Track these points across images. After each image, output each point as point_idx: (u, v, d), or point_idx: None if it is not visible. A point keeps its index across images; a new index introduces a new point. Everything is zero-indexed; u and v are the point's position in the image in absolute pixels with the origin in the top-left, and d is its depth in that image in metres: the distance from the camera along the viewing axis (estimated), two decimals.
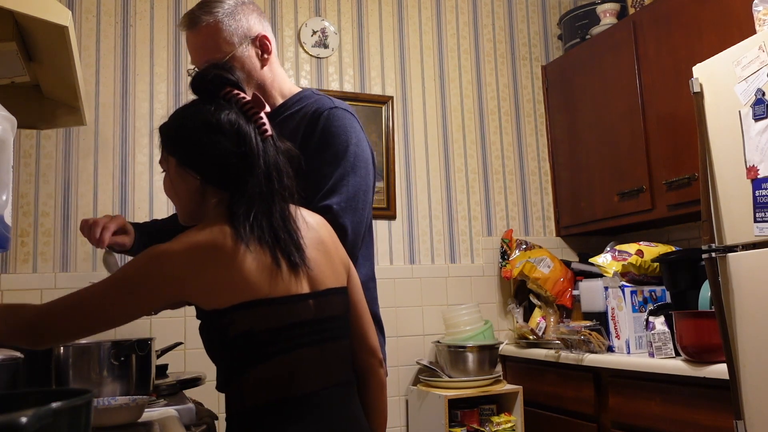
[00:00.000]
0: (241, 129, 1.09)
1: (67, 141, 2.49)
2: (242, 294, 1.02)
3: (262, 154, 1.09)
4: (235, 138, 1.08)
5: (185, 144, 1.12)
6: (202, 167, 1.10)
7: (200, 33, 1.46)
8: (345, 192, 1.37)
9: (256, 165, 1.08)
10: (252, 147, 1.08)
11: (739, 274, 1.83)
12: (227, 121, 1.09)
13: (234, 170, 1.08)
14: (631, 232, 3.12)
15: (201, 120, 1.10)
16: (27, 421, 0.56)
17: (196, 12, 1.46)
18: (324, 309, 1.12)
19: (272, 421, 1.03)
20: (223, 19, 1.44)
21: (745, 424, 1.77)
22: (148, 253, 1.04)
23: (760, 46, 1.81)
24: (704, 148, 1.96)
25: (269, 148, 1.11)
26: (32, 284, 2.34)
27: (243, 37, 1.46)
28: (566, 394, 2.54)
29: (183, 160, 1.12)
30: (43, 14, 1.21)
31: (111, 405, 1.26)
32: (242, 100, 1.13)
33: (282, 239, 1.07)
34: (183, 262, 1.02)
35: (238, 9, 1.47)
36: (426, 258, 3.00)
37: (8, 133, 1.10)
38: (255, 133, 1.10)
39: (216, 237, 1.03)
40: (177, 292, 1.04)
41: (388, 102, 3.01)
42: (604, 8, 3.11)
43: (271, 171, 1.09)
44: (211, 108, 1.11)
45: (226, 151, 1.08)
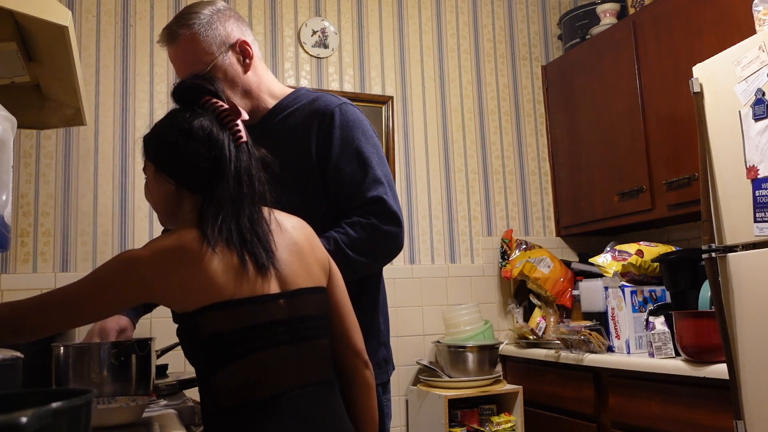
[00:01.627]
0: (213, 135, 1.13)
1: (67, 141, 2.49)
2: (209, 296, 1.05)
3: (234, 160, 1.13)
4: (207, 143, 1.12)
5: (160, 149, 1.17)
6: (176, 172, 1.15)
7: (179, 46, 1.47)
8: (385, 182, 1.42)
9: (227, 170, 1.12)
10: (224, 152, 1.12)
11: (739, 274, 1.83)
12: (200, 127, 1.13)
13: (205, 174, 1.12)
14: (631, 232, 3.12)
15: (175, 126, 1.15)
16: (27, 421, 0.56)
17: (173, 26, 1.47)
18: (296, 309, 1.13)
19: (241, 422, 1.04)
20: (199, 30, 1.45)
21: (745, 424, 1.77)
22: (119, 257, 1.08)
23: (760, 46, 1.81)
24: (704, 148, 1.96)
25: (242, 154, 1.15)
26: (32, 284, 2.34)
27: (221, 44, 1.46)
28: (566, 394, 2.54)
29: (159, 166, 1.17)
30: (43, 14, 1.21)
31: (111, 405, 1.26)
32: (219, 108, 1.17)
33: (249, 241, 1.10)
34: (150, 267, 1.05)
35: (214, 17, 1.47)
36: (426, 258, 3.00)
37: (8, 133, 1.10)
38: (229, 139, 1.14)
39: (182, 240, 1.06)
40: (146, 295, 1.07)
41: (388, 102, 3.01)
42: (604, 8, 3.11)
43: (241, 176, 1.13)
44: (186, 115, 1.15)
45: (198, 156, 1.12)
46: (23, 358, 1.19)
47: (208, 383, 1.07)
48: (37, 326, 1.09)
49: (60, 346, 1.46)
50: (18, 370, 1.18)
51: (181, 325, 1.10)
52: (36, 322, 1.08)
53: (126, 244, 2.50)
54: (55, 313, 1.07)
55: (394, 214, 1.39)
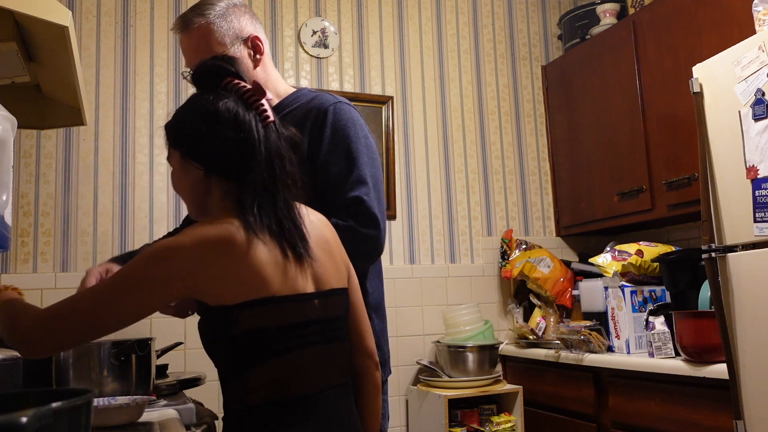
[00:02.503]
0: (240, 116, 1.08)
1: (67, 141, 2.49)
2: (252, 291, 1.01)
3: (263, 140, 1.08)
4: (234, 125, 1.07)
5: (185, 135, 1.12)
6: (204, 157, 1.10)
7: (192, 35, 1.48)
8: (370, 183, 1.40)
9: (257, 151, 1.07)
10: (252, 133, 1.07)
11: (739, 274, 1.83)
12: (225, 108, 1.08)
13: (235, 158, 1.07)
14: (631, 232, 3.12)
15: (199, 110, 1.11)
16: (27, 421, 0.56)
17: (188, 15, 1.48)
18: (328, 309, 1.11)
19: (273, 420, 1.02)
20: (214, 20, 1.46)
21: (745, 424, 1.77)
22: (155, 249, 1.01)
23: (760, 46, 1.81)
24: (704, 148, 1.96)
25: (271, 134, 1.10)
26: (32, 284, 2.34)
27: (235, 38, 1.47)
28: (566, 394, 2.54)
29: (185, 152, 1.12)
30: (43, 14, 1.21)
31: (111, 405, 1.26)
32: (243, 88, 1.12)
33: (287, 229, 1.06)
34: (193, 257, 0.99)
35: (230, 11, 1.48)
36: (426, 258, 2.99)
37: (8, 133, 1.10)
38: (256, 120, 1.09)
39: (227, 230, 1.01)
40: (186, 288, 1.01)
41: (388, 102, 3.01)
42: (604, 8, 3.11)
43: (272, 157, 1.08)
44: (209, 97, 1.11)
45: (226, 138, 1.07)
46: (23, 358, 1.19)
47: (240, 380, 1.03)
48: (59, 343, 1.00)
49: None
50: (18, 370, 1.18)
51: (210, 318, 1.04)
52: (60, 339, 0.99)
53: (126, 244, 2.50)
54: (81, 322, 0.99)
55: (373, 216, 1.38)
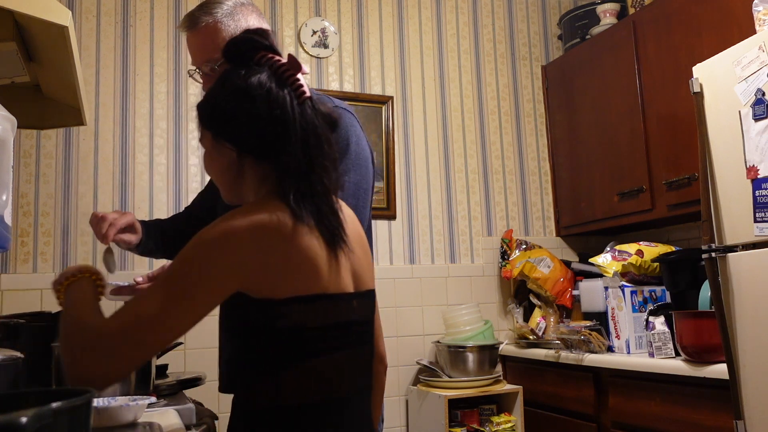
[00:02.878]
0: (273, 92, 1.01)
1: (67, 141, 2.49)
2: (304, 285, 0.96)
3: (299, 119, 1.01)
4: (267, 102, 1.00)
5: (216, 114, 1.06)
6: (236, 136, 1.03)
7: (200, 33, 1.47)
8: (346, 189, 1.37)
9: (292, 130, 1.00)
10: (286, 111, 1.00)
11: (739, 274, 1.83)
12: (257, 84, 1.01)
13: (268, 137, 1.00)
14: (631, 232, 3.12)
15: (230, 86, 1.04)
16: (27, 421, 0.56)
17: (196, 13, 1.48)
18: (364, 311, 1.08)
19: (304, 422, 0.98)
20: (222, 19, 1.46)
21: (745, 424, 1.77)
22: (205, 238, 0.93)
23: (760, 46, 1.81)
24: (704, 148, 1.96)
25: (307, 112, 1.03)
26: (32, 284, 2.34)
27: None
28: (566, 394, 2.54)
29: (217, 132, 1.05)
30: (43, 14, 1.21)
31: (111, 405, 1.26)
32: (277, 62, 1.05)
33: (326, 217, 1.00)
34: (250, 244, 0.92)
35: (238, 10, 1.48)
36: (426, 258, 3.00)
37: (8, 133, 1.10)
38: (291, 96, 1.02)
39: (279, 217, 0.95)
40: (242, 280, 0.93)
41: (388, 102, 3.01)
42: (604, 8, 3.11)
43: (309, 137, 1.01)
44: (241, 73, 1.04)
45: (258, 115, 1.00)
46: (23, 358, 1.19)
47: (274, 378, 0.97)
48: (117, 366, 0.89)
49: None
50: (18, 370, 1.18)
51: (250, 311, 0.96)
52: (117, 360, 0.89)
53: None
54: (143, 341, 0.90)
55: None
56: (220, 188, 1.11)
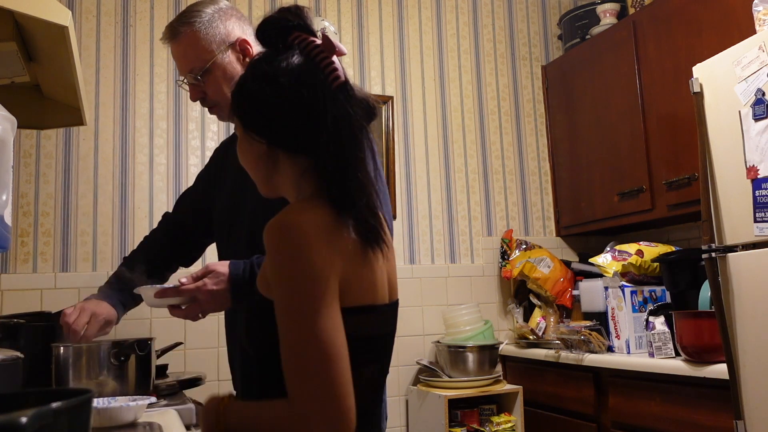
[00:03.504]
0: (302, 78, 0.92)
1: (67, 141, 2.49)
2: (364, 295, 0.91)
3: (330, 107, 0.92)
4: (296, 89, 0.92)
5: (242, 103, 0.98)
6: (264, 128, 0.95)
7: (180, 43, 1.49)
8: None
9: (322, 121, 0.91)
10: (317, 99, 0.92)
11: (739, 274, 1.83)
12: (286, 69, 0.93)
13: (299, 129, 0.93)
14: (631, 232, 3.12)
15: (258, 71, 0.96)
16: (27, 421, 0.56)
17: (175, 24, 1.50)
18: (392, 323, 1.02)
19: None
20: (200, 28, 1.47)
21: (745, 424, 1.77)
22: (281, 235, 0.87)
23: (760, 46, 1.81)
24: (704, 148, 1.96)
25: (340, 100, 0.93)
26: (32, 284, 2.34)
27: (221, 43, 1.48)
28: (566, 394, 2.54)
29: (245, 122, 0.98)
30: (43, 14, 1.21)
31: (111, 405, 1.26)
32: (311, 44, 0.95)
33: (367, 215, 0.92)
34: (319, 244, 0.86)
35: (215, 16, 1.49)
36: (426, 258, 3.00)
37: (8, 133, 1.10)
38: (323, 82, 0.93)
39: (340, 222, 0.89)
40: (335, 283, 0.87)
41: (388, 102, 3.01)
42: (604, 8, 3.11)
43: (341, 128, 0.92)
44: (270, 56, 0.96)
45: (286, 106, 0.92)
46: (23, 358, 1.19)
47: None
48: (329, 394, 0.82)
49: (60, 346, 1.46)
50: (18, 370, 1.18)
51: None
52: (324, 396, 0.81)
53: (126, 244, 2.50)
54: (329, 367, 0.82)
55: None
56: (255, 180, 1.03)
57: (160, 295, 1.30)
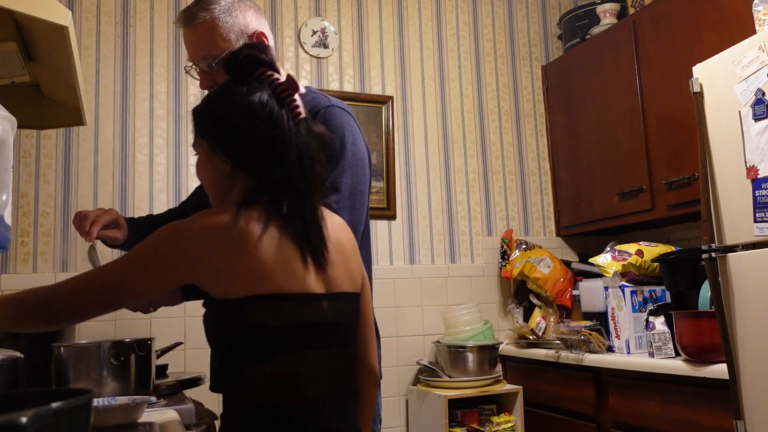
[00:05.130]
0: (274, 112, 1.05)
1: (67, 141, 2.49)
2: (258, 285, 0.99)
3: (294, 139, 1.05)
4: (268, 121, 1.04)
5: (216, 128, 1.09)
6: (233, 152, 1.07)
7: (197, 29, 1.45)
8: (344, 190, 1.35)
9: (289, 150, 1.04)
10: (284, 131, 1.05)
11: (739, 274, 1.83)
12: (259, 102, 1.05)
13: (265, 155, 1.05)
14: (631, 232, 3.12)
15: (232, 102, 1.07)
16: (27, 421, 0.56)
17: (193, 9, 1.46)
18: (337, 313, 1.09)
19: (271, 421, 1.00)
20: (219, 15, 1.44)
21: (745, 424, 1.77)
22: (165, 229, 1.02)
23: (760, 46, 1.81)
24: (704, 148, 1.96)
25: (302, 132, 1.07)
26: (32, 284, 2.31)
27: (239, 33, 1.45)
28: (566, 394, 2.54)
29: (214, 144, 1.09)
30: (43, 14, 1.21)
31: (111, 405, 1.26)
32: (276, 81, 1.09)
33: (312, 233, 1.05)
34: (198, 242, 0.99)
35: (235, 6, 1.47)
36: (426, 258, 2.99)
37: (8, 133, 1.10)
38: (288, 116, 1.06)
39: (232, 221, 1.00)
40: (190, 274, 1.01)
41: (388, 102, 3.01)
42: (604, 8, 3.11)
43: (303, 157, 1.06)
44: (243, 89, 1.07)
45: (258, 135, 1.04)
46: (23, 358, 1.19)
47: (240, 375, 1.01)
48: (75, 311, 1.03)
49: (60, 346, 1.46)
50: (18, 370, 1.18)
51: (215, 311, 1.03)
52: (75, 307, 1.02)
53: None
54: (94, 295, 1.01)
55: None
56: (209, 195, 1.15)
57: None
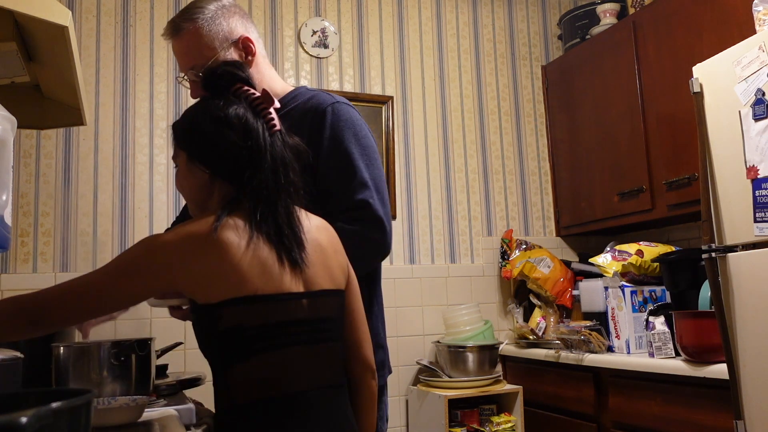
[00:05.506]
0: (249, 123, 1.11)
1: (67, 141, 2.49)
2: (234, 289, 1.03)
3: (269, 149, 1.11)
4: (243, 132, 1.10)
5: (194, 138, 1.15)
6: (211, 161, 1.13)
7: (182, 40, 1.47)
8: (371, 185, 1.39)
9: (263, 159, 1.10)
10: (259, 141, 1.11)
11: (739, 274, 1.83)
12: (235, 115, 1.11)
13: (241, 164, 1.10)
14: (631, 232, 3.12)
15: (210, 114, 1.13)
16: (27, 421, 0.56)
17: (177, 20, 1.48)
18: (317, 309, 1.12)
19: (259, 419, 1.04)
20: (203, 24, 1.46)
21: (745, 424, 1.77)
22: (143, 242, 1.07)
23: (760, 46, 1.81)
24: (704, 148, 1.96)
25: (277, 143, 1.13)
26: (32, 284, 2.34)
27: (224, 40, 1.46)
28: (566, 394, 2.54)
29: (193, 154, 1.15)
30: (43, 14, 1.21)
31: (111, 405, 1.26)
32: (252, 95, 1.15)
33: (286, 235, 1.09)
34: (174, 252, 1.04)
35: (219, 13, 1.48)
36: (426, 258, 2.99)
37: (8, 133, 1.10)
38: (263, 128, 1.13)
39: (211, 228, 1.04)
40: (168, 282, 1.05)
41: (388, 102, 3.01)
42: (604, 8, 3.11)
43: (277, 166, 1.11)
44: (219, 103, 1.13)
45: (234, 144, 1.10)
46: (23, 358, 1.19)
47: (224, 377, 1.06)
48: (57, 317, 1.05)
49: (60, 346, 1.46)
50: (18, 370, 1.18)
51: (200, 316, 1.08)
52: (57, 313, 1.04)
53: (126, 244, 2.50)
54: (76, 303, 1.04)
55: (379, 219, 1.37)
56: (188, 204, 1.22)
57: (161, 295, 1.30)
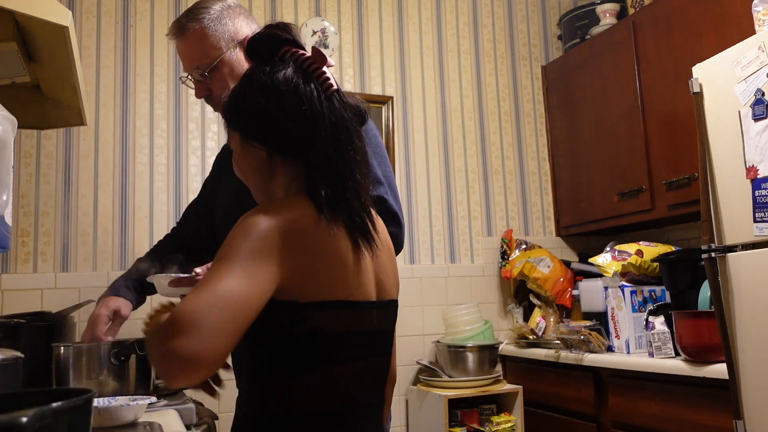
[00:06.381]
0: (300, 87, 0.99)
1: (67, 141, 2.49)
2: (330, 290, 0.93)
3: (327, 113, 0.99)
4: (294, 97, 0.98)
5: (244, 113, 1.02)
6: (265, 135, 1.00)
7: (188, 40, 1.48)
8: (385, 182, 1.39)
9: (322, 126, 0.98)
10: (314, 106, 0.98)
11: (739, 274, 1.83)
12: (284, 79, 0.99)
13: (298, 134, 0.98)
14: (631, 232, 3.12)
15: (256, 84, 1.01)
16: (27, 421, 0.56)
17: (183, 20, 1.48)
18: (383, 321, 1.04)
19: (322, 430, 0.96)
20: (208, 24, 1.46)
21: (745, 424, 1.77)
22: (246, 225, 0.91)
23: (759, 46, 1.81)
24: (704, 148, 1.96)
25: (335, 105, 1.01)
26: (32, 284, 2.34)
27: (229, 40, 1.47)
28: (566, 394, 2.55)
29: (245, 132, 1.02)
30: (43, 14, 1.21)
31: (111, 405, 1.26)
32: (302, 56, 1.02)
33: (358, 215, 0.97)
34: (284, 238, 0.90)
35: (224, 13, 1.48)
36: (426, 258, 3.00)
37: (8, 133, 1.10)
38: (318, 90, 1.00)
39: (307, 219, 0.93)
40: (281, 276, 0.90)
41: (388, 102, 3.01)
42: (604, 8, 3.11)
43: (339, 132, 0.99)
44: (267, 69, 1.01)
45: (286, 112, 0.98)
46: (23, 358, 1.19)
47: (285, 383, 0.94)
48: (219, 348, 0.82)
49: (60, 346, 1.46)
50: (18, 370, 1.18)
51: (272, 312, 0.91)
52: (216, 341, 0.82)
53: (126, 244, 2.50)
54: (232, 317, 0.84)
55: (395, 214, 1.37)
56: (251, 190, 1.07)
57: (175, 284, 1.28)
